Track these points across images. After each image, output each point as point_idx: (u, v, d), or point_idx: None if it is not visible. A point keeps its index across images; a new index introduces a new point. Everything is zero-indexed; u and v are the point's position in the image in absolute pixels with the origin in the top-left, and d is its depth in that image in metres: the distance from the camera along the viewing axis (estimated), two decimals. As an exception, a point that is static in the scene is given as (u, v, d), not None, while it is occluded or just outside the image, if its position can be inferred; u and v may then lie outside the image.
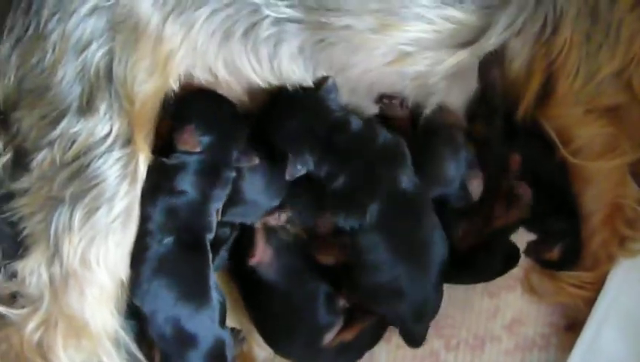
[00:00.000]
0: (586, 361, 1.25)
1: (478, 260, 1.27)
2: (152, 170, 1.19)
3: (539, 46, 1.23)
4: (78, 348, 1.16)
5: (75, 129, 1.13)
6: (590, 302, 1.27)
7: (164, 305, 1.19)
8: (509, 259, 1.29)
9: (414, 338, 1.25)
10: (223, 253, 1.28)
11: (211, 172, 1.21)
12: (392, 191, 1.22)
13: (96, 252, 1.14)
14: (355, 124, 1.24)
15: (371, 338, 1.30)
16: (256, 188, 1.26)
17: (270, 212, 1.26)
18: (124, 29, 1.15)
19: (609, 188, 1.26)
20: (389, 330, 1.30)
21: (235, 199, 1.25)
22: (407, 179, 1.23)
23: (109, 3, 1.15)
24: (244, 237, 1.28)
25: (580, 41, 1.21)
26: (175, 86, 1.21)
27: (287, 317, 1.26)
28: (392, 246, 1.21)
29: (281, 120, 1.24)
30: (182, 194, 1.20)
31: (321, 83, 1.25)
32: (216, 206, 1.22)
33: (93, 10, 1.15)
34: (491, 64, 1.26)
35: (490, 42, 1.22)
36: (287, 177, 1.22)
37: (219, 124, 1.23)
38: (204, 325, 1.20)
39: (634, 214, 1.25)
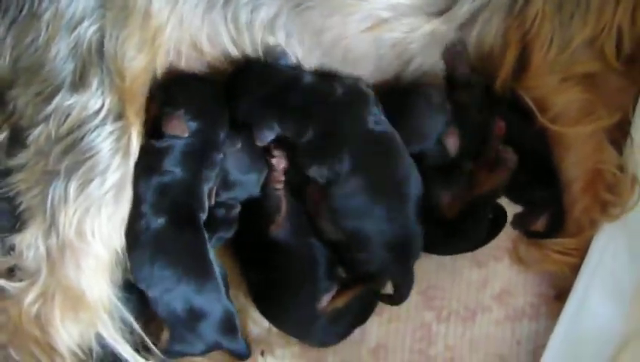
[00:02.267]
0: (574, 325, 1.27)
1: (466, 228, 1.29)
2: (142, 152, 1.21)
3: (512, 18, 1.26)
4: (75, 320, 1.17)
5: (69, 102, 1.15)
6: (576, 269, 1.29)
7: (170, 284, 1.21)
8: (497, 219, 1.31)
9: (399, 291, 1.26)
10: (224, 233, 1.29)
11: (200, 154, 1.24)
12: (361, 133, 1.25)
13: (90, 223, 1.16)
14: (307, 78, 1.27)
15: (362, 312, 1.31)
16: (242, 166, 1.28)
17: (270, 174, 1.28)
18: (114, 6, 1.18)
19: (588, 155, 1.28)
20: (381, 304, 1.31)
21: (226, 182, 1.28)
22: (373, 119, 1.26)
23: (100, -19, 1.18)
24: (255, 208, 1.30)
25: (552, 11, 1.25)
26: (163, 64, 1.25)
27: (290, 282, 1.27)
28: (369, 187, 1.23)
29: (238, 95, 1.27)
30: (172, 175, 1.22)
31: (270, 52, 1.28)
32: (207, 186, 1.25)
33: (85, -12, 1.18)
34: (454, 45, 1.29)
35: (463, 10, 1.26)
36: (258, 144, 1.25)
37: (206, 109, 1.26)
38: (211, 298, 1.22)
39: (614, 179, 1.27)
